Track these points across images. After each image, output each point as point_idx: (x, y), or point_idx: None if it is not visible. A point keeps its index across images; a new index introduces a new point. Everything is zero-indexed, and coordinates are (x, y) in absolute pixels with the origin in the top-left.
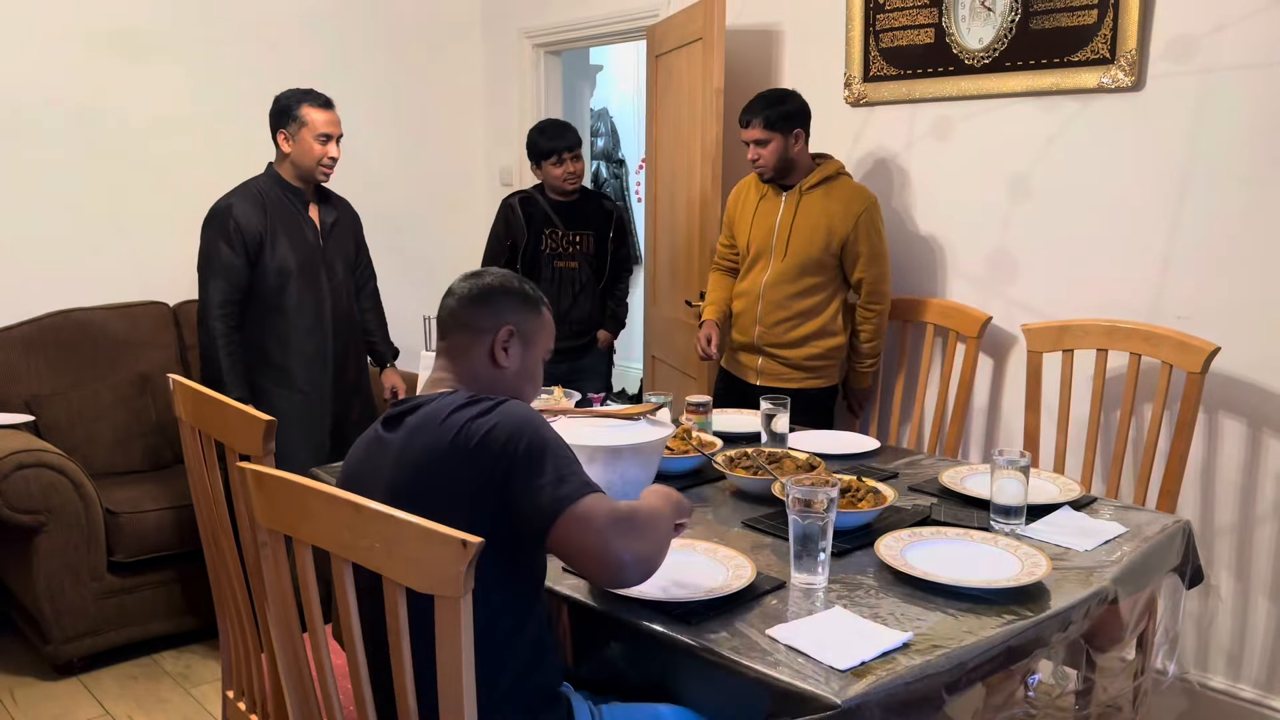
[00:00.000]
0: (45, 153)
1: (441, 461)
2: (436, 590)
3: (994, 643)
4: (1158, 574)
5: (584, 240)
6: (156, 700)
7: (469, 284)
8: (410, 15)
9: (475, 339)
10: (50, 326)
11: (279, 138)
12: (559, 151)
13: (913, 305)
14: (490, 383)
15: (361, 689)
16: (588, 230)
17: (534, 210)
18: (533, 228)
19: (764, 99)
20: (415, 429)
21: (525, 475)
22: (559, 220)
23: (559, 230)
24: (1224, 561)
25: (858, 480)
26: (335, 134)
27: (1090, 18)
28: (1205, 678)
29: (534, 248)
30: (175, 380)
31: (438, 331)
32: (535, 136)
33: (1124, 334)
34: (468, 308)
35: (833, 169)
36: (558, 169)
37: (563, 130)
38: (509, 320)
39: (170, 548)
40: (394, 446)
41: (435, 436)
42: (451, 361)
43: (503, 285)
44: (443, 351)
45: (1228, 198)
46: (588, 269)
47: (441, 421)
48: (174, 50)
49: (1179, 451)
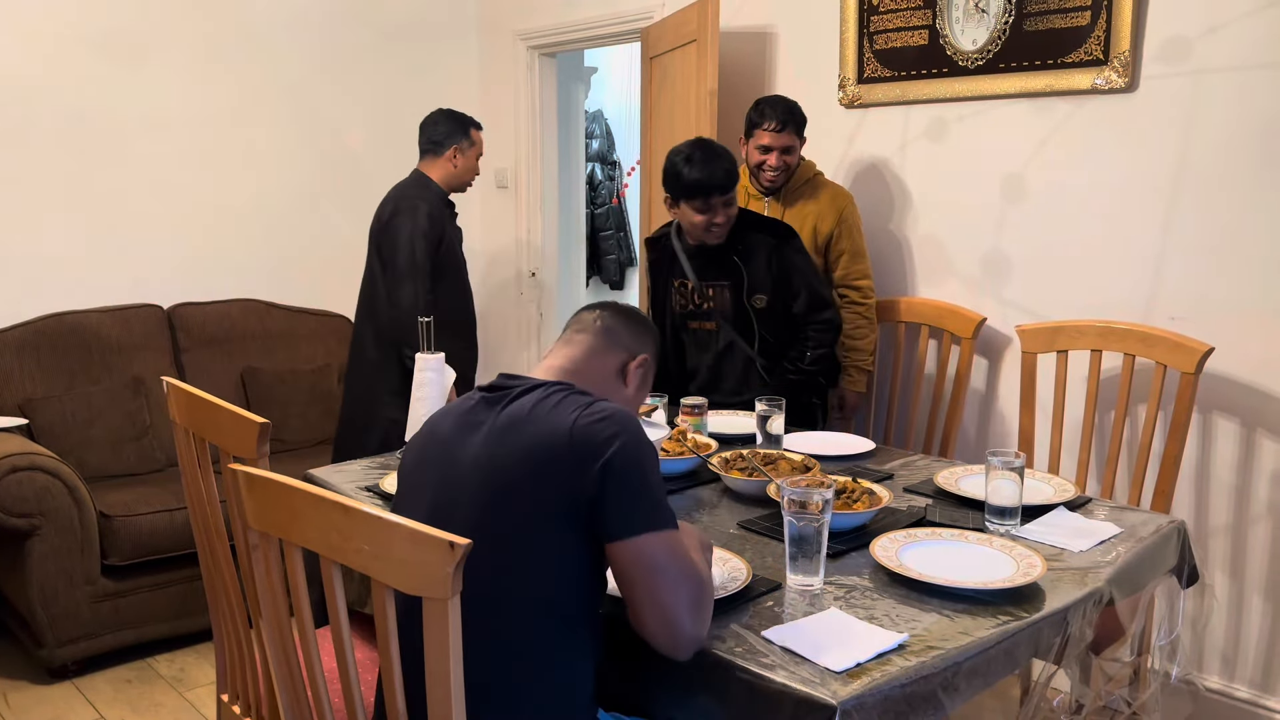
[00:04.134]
0: (38, 155)
1: (547, 449)
2: (424, 592)
3: (989, 643)
4: (1153, 575)
5: (718, 294)
6: (151, 704)
7: (619, 305)
8: (405, 17)
9: (612, 349)
10: (44, 329)
11: (451, 150)
12: (706, 193)
13: (907, 306)
14: (603, 389)
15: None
16: (722, 281)
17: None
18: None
19: (786, 103)
20: (523, 415)
21: (619, 484)
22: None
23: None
24: (1219, 561)
25: (853, 481)
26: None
27: (1084, 19)
28: (1201, 678)
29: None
30: (169, 383)
31: (573, 321)
32: (677, 164)
33: (1118, 335)
34: (619, 319)
35: (812, 170)
36: (699, 216)
37: (713, 159)
38: (645, 352)
39: (164, 551)
40: (497, 423)
41: (546, 424)
42: (577, 356)
43: (647, 322)
44: (572, 343)
45: (1221, 199)
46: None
47: (554, 408)
48: (168, 53)
49: (1173, 452)
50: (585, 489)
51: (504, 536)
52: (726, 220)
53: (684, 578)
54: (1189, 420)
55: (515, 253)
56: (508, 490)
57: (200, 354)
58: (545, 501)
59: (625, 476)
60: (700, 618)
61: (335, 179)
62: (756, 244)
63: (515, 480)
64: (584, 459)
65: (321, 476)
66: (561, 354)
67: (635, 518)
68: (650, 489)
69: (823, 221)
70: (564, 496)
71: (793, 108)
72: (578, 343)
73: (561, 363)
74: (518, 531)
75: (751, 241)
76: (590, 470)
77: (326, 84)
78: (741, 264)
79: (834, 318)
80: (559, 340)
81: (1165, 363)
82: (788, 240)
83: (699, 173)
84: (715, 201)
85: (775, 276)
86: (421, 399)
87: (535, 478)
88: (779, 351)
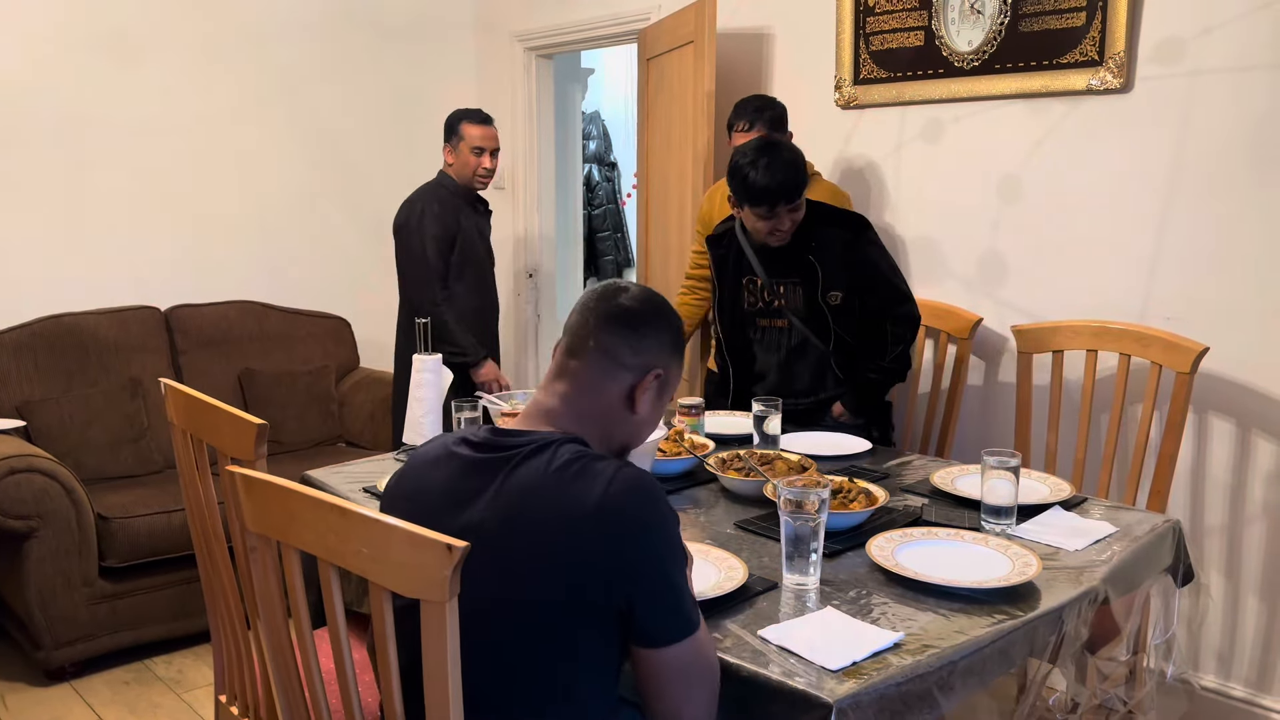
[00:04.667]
0: (36, 157)
1: (553, 532)
2: (422, 594)
3: (985, 642)
4: (1149, 574)
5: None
6: (149, 705)
7: (617, 301)
8: (402, 19)
9: (614, 373)
10: (41, 331)
11: (447, 148)
12: (772, 201)
13: None
14: (609, 424)
15: (350, 692)
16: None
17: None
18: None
19: (759, 101)
20: (524, 487)
21: (650, 584)
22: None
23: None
24: (1214, 560)
25: (849, 481)
26: (490, 147)
27: (1079, 20)
28: (1197, 677)
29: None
30: (167, 384)
31: (566, 334)
32: (743, 166)
33: (1114, 335)
34: (614, 332)
35: (809, 169)
36: (763, 222)
37: (781, 166)
38: (657, 364)
39: (162, 553)
40: (491, 489)
41: (550, 503)
42: (573, 389)
43: (657, 314)
44: (565, 372)
45: (1215, 199)
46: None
47: (556, 485)
48: (165, 54)
49: (1169, 451)
50: (597, 574)
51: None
52: (792, 225)
53: (706, 681)
54: (1184, 420)
55: (512, 253)
56: (512, 565)
57: (198, 356)
58: (562, 585)
59: (656, 579)
60: (714, 711)
61: (333, 181)
62: (830, 239)
63: (533, 557)
64: (613, 550)
65: (318, 478)
66: (555, 392)
67: (669, 625)
68: (679, 585)
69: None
70: (586, 581)
71: (764, 105)
72: (572, 374)
73: (552, 401)
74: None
75: (824, 236)
76: (603, 556)
77: (324, 85)
78: (815, 261)
79: (912, 311)
80: (554, 366)
81: (1161, 362)
82: (862, 232)
83: (766, 179)
84: (781, 210)
85: (851, 272)
86: (419, 400)
87: (553, 557)
88: (855, 348)
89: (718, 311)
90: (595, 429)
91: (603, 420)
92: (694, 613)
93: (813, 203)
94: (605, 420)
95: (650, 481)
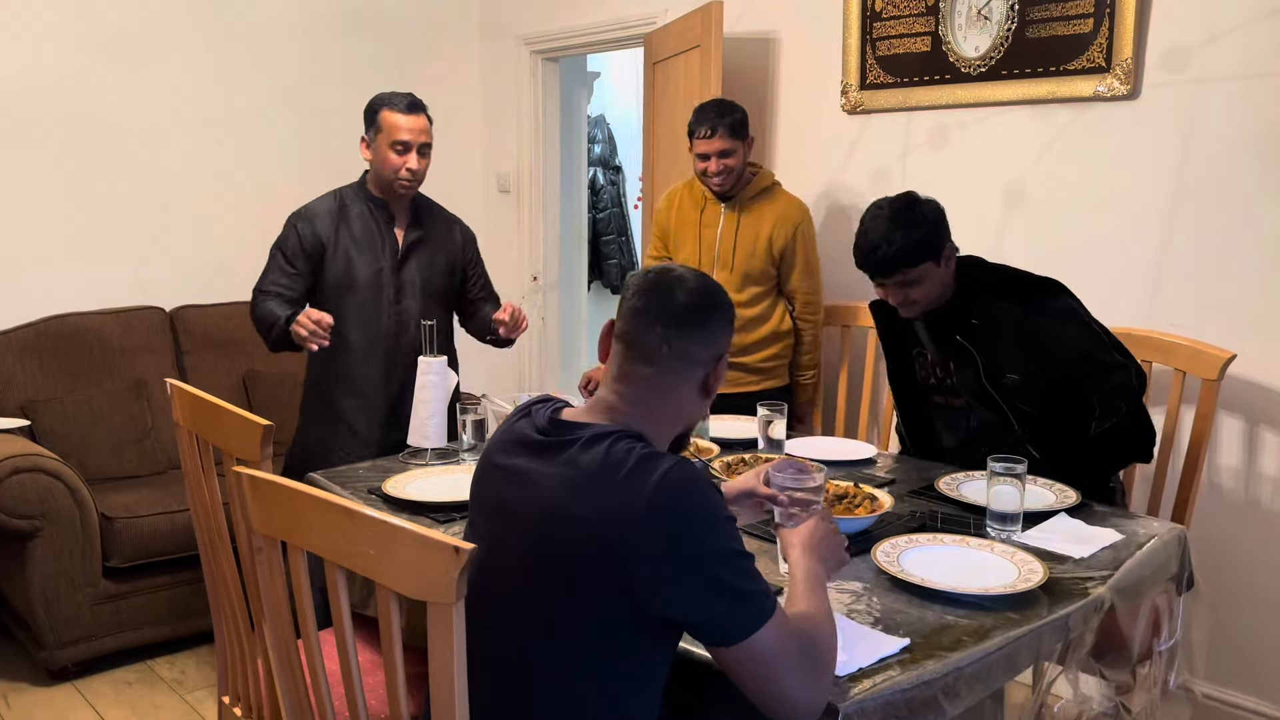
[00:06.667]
0: (41, 157)
1: (609, 527)
2: (429, 597)
3: (990, 649)
4: (1155, 581)
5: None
6: (151, 706)
7: (677, 300)
8: (407, 21)
9: (688, 371)
10: (46, 331)
11: (361, 145)
12: (870, 273)
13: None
14: (681, 416)
15: (355, 692)
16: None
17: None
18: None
19: (719, 107)
20: (582, 479)
21: (698, 588)
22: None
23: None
24: (1219, 569)
25: (854, 487)
26: (416, 142)
27: (1086, 26)
28: (1201, 685)
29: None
30: (173, 385)
31: (626, 339)
32: (864, 216)
33: (1135, 342)
34: (685, 335)
35: (769, 179)
36: (880, 292)
37: (883, 231)
38: (722, 349)
39: (166, 553)
40: (553, 479)
41: (610, 499)
42: (645, 392)
43: (715, 301)
44: (635, 378)
45: (1222, 206)
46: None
47: (620, 480)
48: (171, 56)
49: (1194, 461)
50: (644, 577)
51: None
52: (908, 301)
53: (796, 657)
54: (1210, 429)
55: (517, 257)
56: (560, 562)
57: (202, 357)
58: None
59: (718, 578)
60: (822, 681)
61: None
62: (997, 315)
63: (564, 559)
64: (644, 546)
65: (323, 479)
66: (618, 392)
67: (734, 622)
68: (729, 581)
69: (776, 232)
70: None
71: (724, 110)
72: (645, 379)
73: (614, 399)
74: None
75: (991, 312)
76: (656, 560)
77: (329, 87)
78: (969, 343)
79: (1122, 380)
80: (619, 370)
81: (1186, 370)
82: (1038, 303)
83: (864, 245)
84: (886, 283)
85: (1029, 352)
86: (424, 401)
87: (601, 552)
88: (1051, 425)
89: (890, 381)
90: (665, 426)
91: (674, 415)
92: (762, 602)
93: (983, 270)
94: (678, 414)
95: (703, 489)
